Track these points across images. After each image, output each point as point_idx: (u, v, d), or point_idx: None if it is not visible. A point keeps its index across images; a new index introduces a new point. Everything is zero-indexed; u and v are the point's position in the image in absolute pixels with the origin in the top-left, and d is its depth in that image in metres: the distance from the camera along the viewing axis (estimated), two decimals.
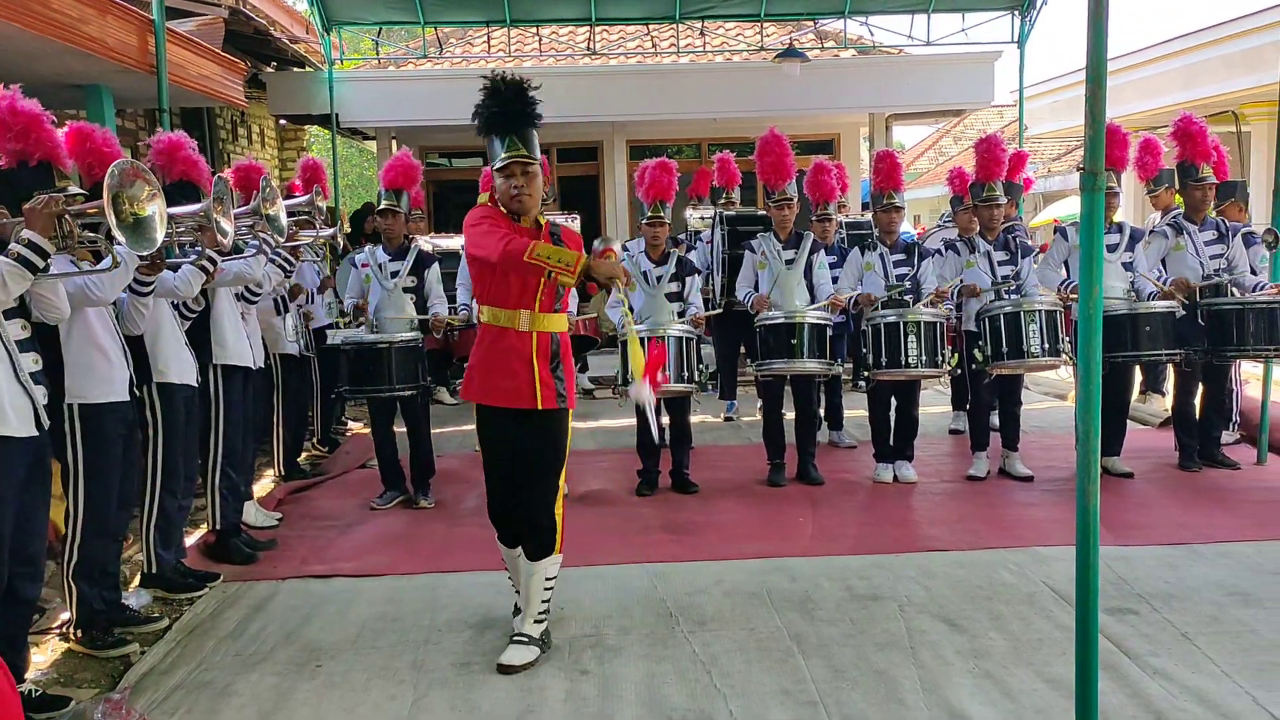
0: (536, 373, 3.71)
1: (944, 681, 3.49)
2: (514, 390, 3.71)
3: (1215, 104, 12.71)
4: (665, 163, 6.24)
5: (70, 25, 6.06)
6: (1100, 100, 2.60)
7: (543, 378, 3.72)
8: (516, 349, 3.71)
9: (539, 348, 3.73)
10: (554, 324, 3.79)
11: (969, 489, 6.03)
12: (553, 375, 3.74)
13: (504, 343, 3.73)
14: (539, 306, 3.73)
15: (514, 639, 3.78)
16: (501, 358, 3.73)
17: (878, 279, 6.20)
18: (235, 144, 12.43)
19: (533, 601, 3.80)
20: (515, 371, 3.71)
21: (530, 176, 3.72)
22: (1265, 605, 4.07)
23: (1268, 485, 5.92)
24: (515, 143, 3.71)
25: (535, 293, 3.71)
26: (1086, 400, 2.78)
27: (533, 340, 3.72)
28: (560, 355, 3.79)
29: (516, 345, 3.71)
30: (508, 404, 3.73)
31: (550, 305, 3.76)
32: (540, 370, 3.72)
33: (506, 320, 3.73)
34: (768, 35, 12.95)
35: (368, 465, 6.98)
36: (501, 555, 3.97)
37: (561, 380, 3.77)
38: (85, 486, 3.89)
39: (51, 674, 3.77)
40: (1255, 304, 5.95)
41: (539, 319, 3.73)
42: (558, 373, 3.76)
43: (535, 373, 3.71)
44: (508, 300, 3.72)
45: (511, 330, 3.72)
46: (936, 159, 27.33)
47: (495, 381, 3.74)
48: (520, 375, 3.71)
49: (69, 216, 3.35)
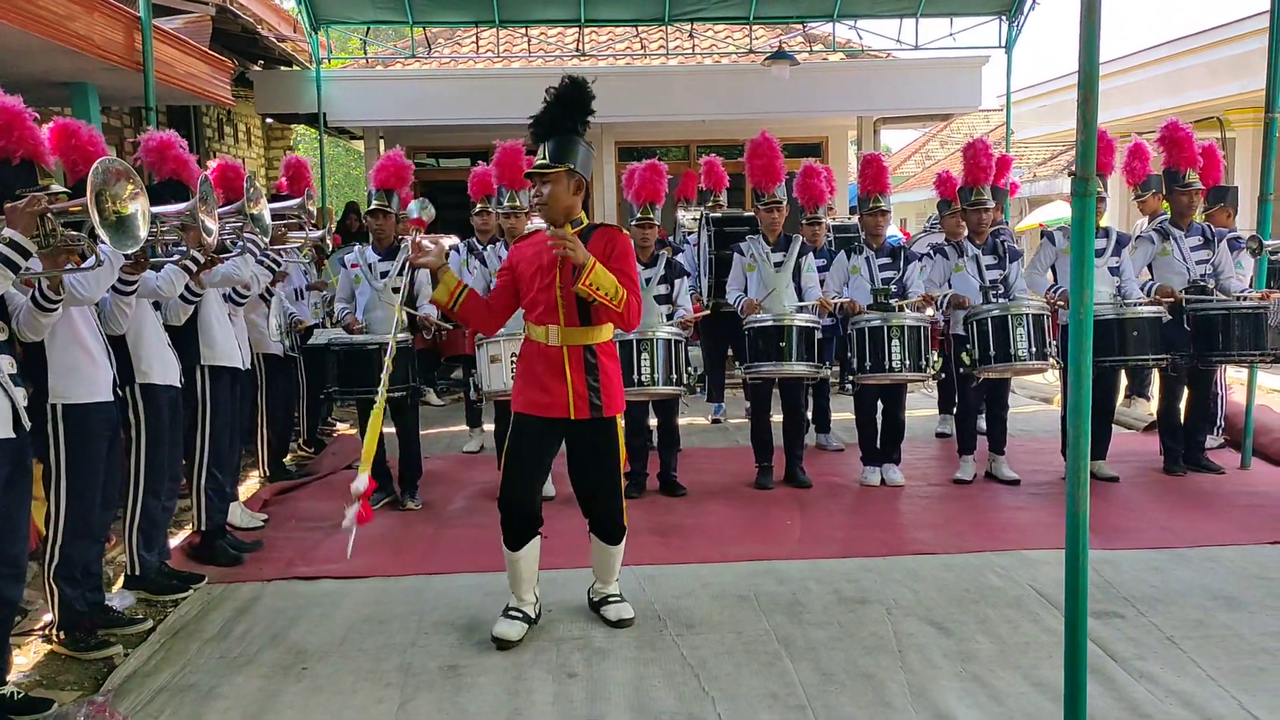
0: (570, 385, 3.85)
1: (932, 685, 3.50)
2: (548, 402, 3.87)
3: (1201, 110, 12.81)
4: (655, 165, 6.24)
5: (57, 22, 6.01)
6: (1092, 107, 2.61)
7: (576, 389, 3.85)
8: (550, 362, 3.87)
9: (571, 360, 3.86)
10: (589, 336, 3.89)
11: (956, 492, 6.05)
12: (588, 387, 3.86)
13: (537, 356, 3.90)
14: (564, 320, 3.84)
15: (610, 599, 4.12)
16: (535, 371, 3.90)
17: (864, 282, 6.22)
18: (221, 143, 12.36)
19: (615, 568, 4.17)
20: (548, 385, 3.86)
21: (551, 182, 3.81)
22: (1250, 609, 4.09)
23: (1252, 489, 5.95)
24: (542, 152, 3.83)
25: (556, 309, 3.84)
26: (1077, 405, 2.78)
27: (564, 354, 3.85)
28: (599, 366, 3.89)
29: (550, 358, 3.87)
30: (543, 414, 3.88)
31: (576, 319, 3.85)
32: (574, 382, 3.85)
33: (538, 336, 3.90)
34: (756, 38, 12.98)
35: (354, 466, 6.95)
36: (505, 559, 3.99)
37: (597, 390, 3.88)
38: (67, 487, 3.85)
39: (34, 676, 3.74)
40: (1240, 309, 5.99)
41: (568, 333, 3.86)
42: (593, 383, 3.87)
43: (569, 385, 3.85)
44: (533, 316, 3.92)
45: (543, 344, 3.88)
46: (923, 162, 27.44)
47: (530, 394, 3.92)
48: (553, 388, 3.86)
49: (51, 215, 3.31)
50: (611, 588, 4.18)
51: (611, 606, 4.11)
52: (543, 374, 3.88)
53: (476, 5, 11.31)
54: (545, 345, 3.88)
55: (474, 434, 7.51)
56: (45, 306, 3.51)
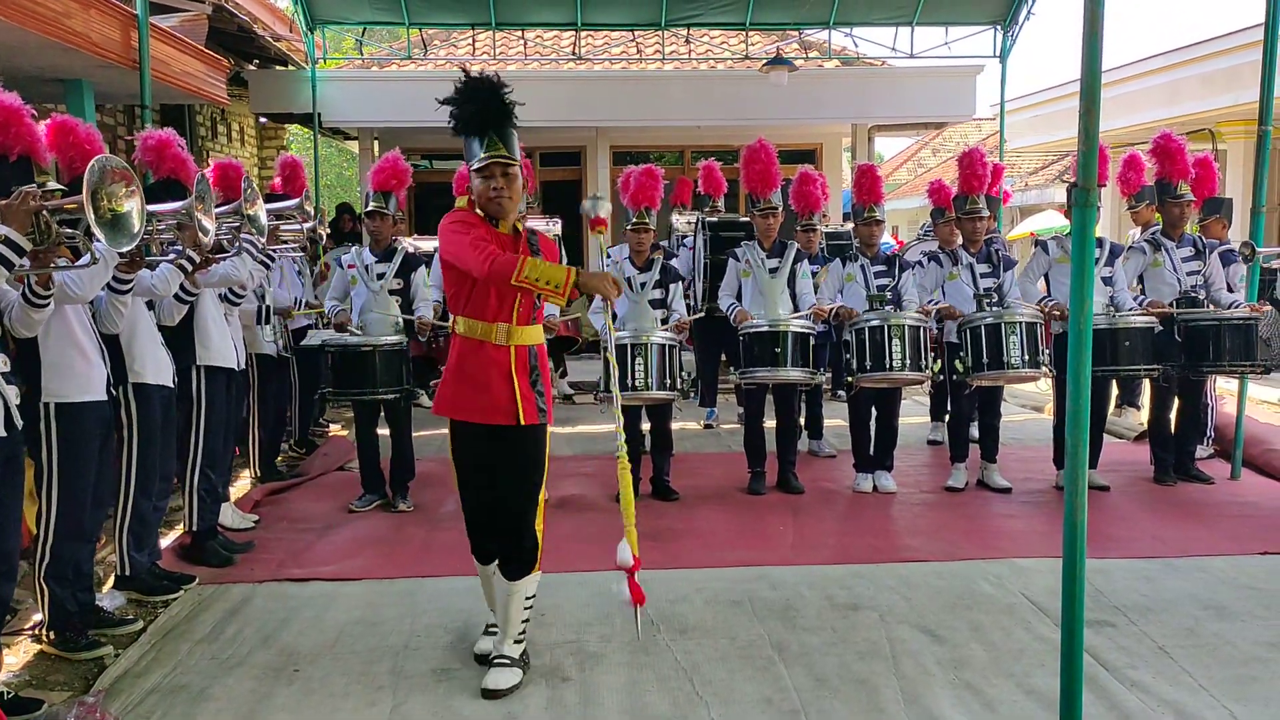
0: (517, 387, 3.57)
1: (925, 692, 3.50)
2: (492, 406, 3.57)
3: (1194, 121, 12.87)
4: (651, 169, 6.24)
5: (53, 19, 6.00)
6: (1094, 118, 2.62)
7: (523, 392, 3.58)
8: (495, 363, 3.57)
9: (518, 361, 3.59)
10: (532, 336, 3.66)
11: (948, 500, 6.06)
12: (532, 389, 3.61)
13: (481, 356, 3.58)
14: (517, 319, 3.59)
15: (495, 661, 3.62)
16: (479, 372, 3.58)
17: (859, 290, 6.23)
18: (215, 142, 12.33)
19: (512, 622, 3.64)
20: (493, 386, 3.56)
21: (510, 178, 3.56)
22: (1240, 619, 4.11)
23: (1242, 500, 5.98)
24: (495, 142, 3.54)
25: (513, 306, 3.58)
26: (1075, 414, 2.79)
27: (511, 354, 3.58)
28: (539, 367, 3.67)
29: (495, 359, 3.57)
30: (485, 420, 3.58)
31: (528, 317, 3.63)
32: (520, 384, 3.58)
33: (483, 333, 3.58)
34: (752, 44, 13.01)
35: (346, 468, 6.94)
36: (479, 573, 3.85)
37: (541, 394, 3.64)
38: (59, 487, 3.82)
39: (24, 676, 3.71)
40: (1231, 320, 6.03)
41: (517, 332, 3.60)
42: (537, 386, 3.63)
43: (515, 387, 3.57)
44: (485, 313, 3.58)
45: (489, 344, 3.58)
46: (915, 170, 27.51)
47: (471, 397, 3.59)
48: (499, 390, 3.56)
49: (46, 212, 3.30)
50: (506, 646, 3.64)
51: (492, 670, 3.58)
52: (486, 376, 3.56)
53: (473, 7, 11.31)
54: (489, 344, 3.57)
55: None
56: (36, 303, 3.48)
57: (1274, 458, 6.57)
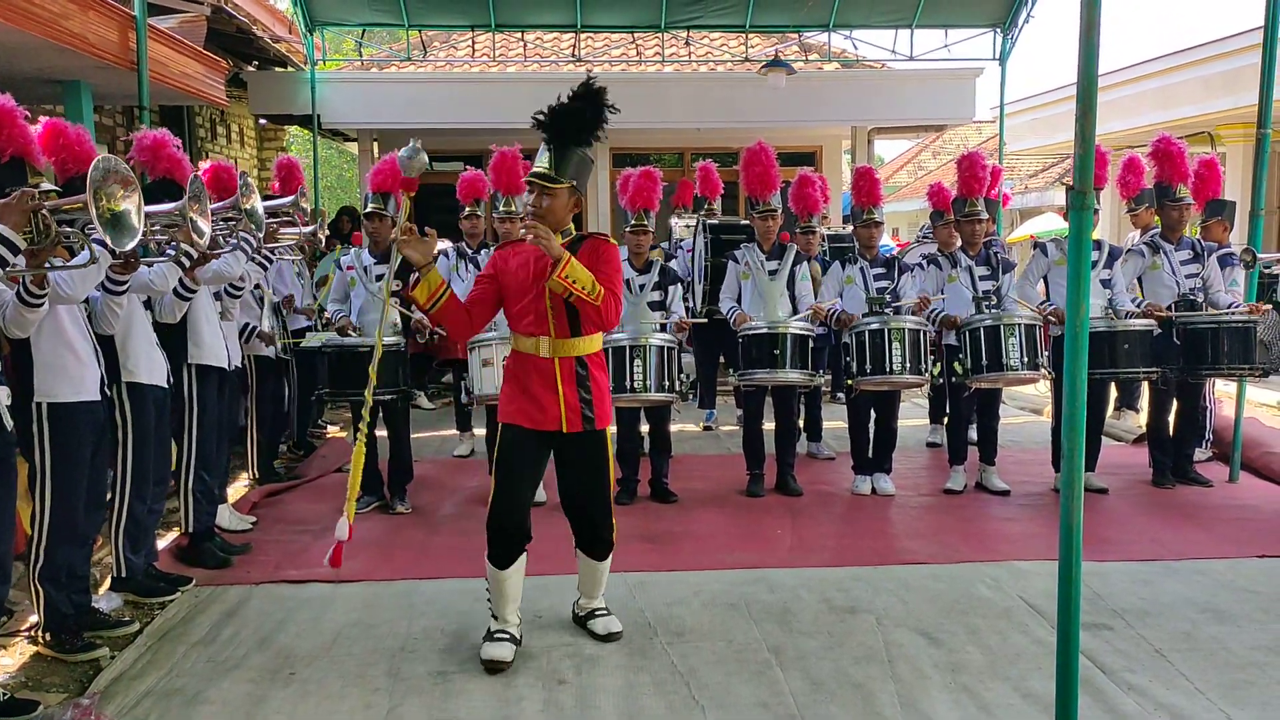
0: (562, 397, 3.77)
1: (922, 695, 3.50)
2: (539, 415, 3.78)
3: (1193, 125, 12.86)
4: (650, 171, 6.24)
5: (51, 20, 5.99)
6: (1090, 121, 2.62)
7: (569, 401, 3.77)
8: (541, 374, 3.78)
9: (563, 374, 3.77)
10: (579, 348, 3.81)
11: (946, 502, 6.06)
12: (579, 399, 3.78)
13: (528, 367, 3.80)
14: (554, 331, 3.76)
15: (598, 612, 4.05)
16: (526, 382, 3.80)
17: (859, 292, 6.23)
18: (214, 143, 12.33)
19: (602, 583, 4.09)
20: (539, 396, 3.77)
21: (551, 196, 3.71)
22: (1238, 622, 4.11)
23: (1240, 503, 5.98)
24: (546, 158, 3.72)
25: (546, 320, 3.75)
26: (1071, 417, 2.79)
27: (555, 365, 3.77)
28: (590, 378, 3.82)
29: (541, 370, 3.78)
30: (533, 426, 3.78)
31: (567, 330, 3.76)
32: (566, 394, 3.77)
33: (527, 347, 3.80)
34: (752, 47, 13.02)
35: (344, 469, 6.93)
36: (486, 573, 3.85)
37: (589, 403, 3.80)
38: (52, 488, 3.81)
39: (19, 677, 3.71)
40: (1230, 323, 6.02)
41: (559, 344, 3.77)
42: (585, 395, 3.79)
43: (561, 397, 3.77)
44: (520, 326, 3.81)
45: (534, 356, 3.79)
46: (915, 173, 27.52)
47: (520, 405, 3.81)
48: (545, 400, 3.77)
49: (46, 212, 3.30)
50: (598, 602, 4.11)
51: (599, 620, 4.05)
52: (534, 386, 3.78)
53: (472, 9, 11.31)
54: (536, 357, 3.78)
55: (464, 438, 7.49)
56: (30, 302, 3.46)
57: (1272, 461, 6.56)
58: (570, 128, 3.71)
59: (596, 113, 3.73)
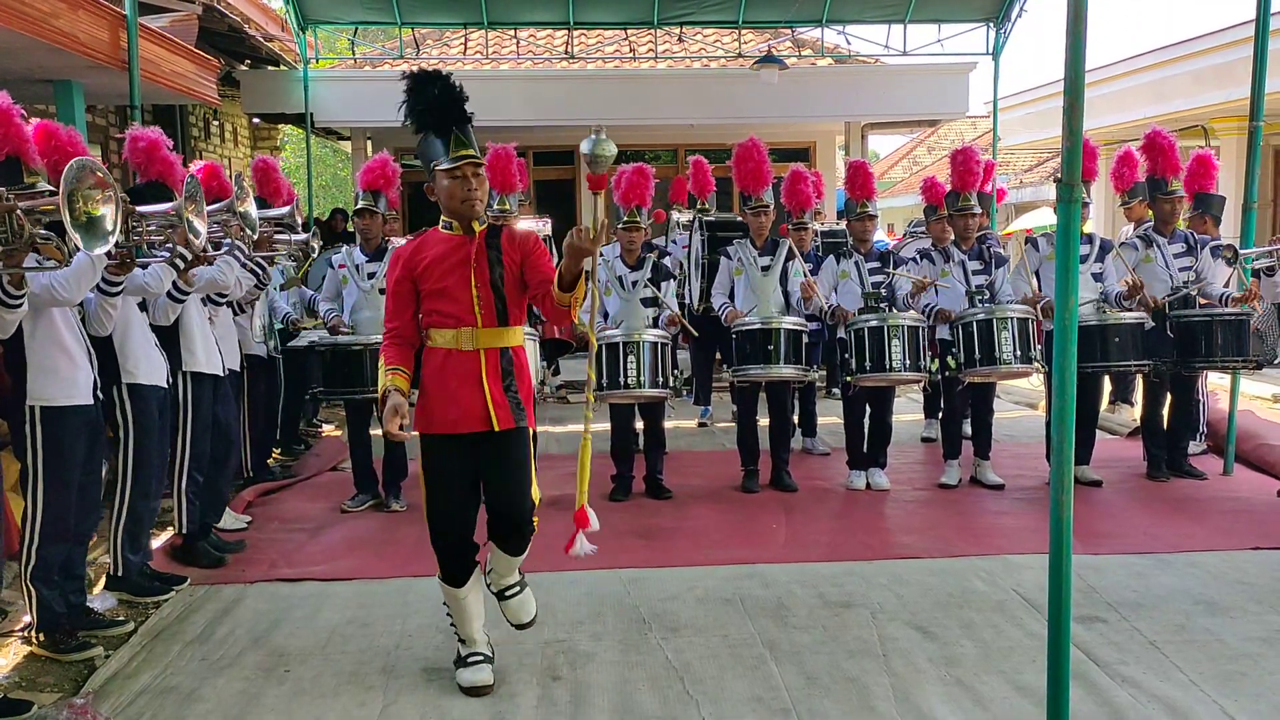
0: (488, 393, 3.42)
1: (916, 689, 3.50)
2: (464, 416, 3.43)
3: (1185, 118, 12.89)
4: (642, 168, 6.24)
5: (41, 20, 5.98)
6: (1078, 114, 2.62)
7: (495, 398, 3.42)
8: (464, 371, 3.43)
9: (488, 366, 3.44)
10: (504, 338, 3.48)
11: (941, 496, 6.06)
12: (505, 394, 3.45)
13: (449, 366, 3.44)
14: (481, 322, 3.43)
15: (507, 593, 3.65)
16: (448, 383, 3.43)
17: (854, 286, 6.24)
18: (207, 142, 12.32)
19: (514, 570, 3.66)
20: (463, 396, 3.42)
21: (481, 179, 3.45)
22: (1232, 615, 4.12)
23: (1234, 495, 5.99)
24: (461, 141, 3.38)
25: (473, 310, 3.42)
26: (1061, 410, 2.79)
27: (480, 358, 3.44)
28: (515, 371, 3.49)
29: (464, 366, 3.43)
30: (458, 430, 3.43)
31: (494, 319, 3.44)
32: (492, 390, 3.42)
33: (449, 341, 3.44)
34: (745, 42, 13.02)
35: (339, 468, 6.93)
36: (447, 598, 3.63)
37: (517, 398, 3.48)
38: (44, 489, 3.80)
39: (13, 677, 3.70)
40: (1223, 316, 6.03)
41: (485, 335, 3.44)
42: (511, 390, 3.47)
43: (487, 393, 3.42)
44: (445, 319, 3.44)
45: (456, 351, 3.44)
46: (910, 168, 27.53)
47: (443, 410, 3.44)
48: (470, 399, 3.42)
49: (20, 213, 3.27)
50: (513, 576, 3.68)
51: (512, 600, 3.67)
52: (455, 384, 3.42)
53: (465, 7, 11.30)
54: (457, 351, 3.42)
55: None
56: (8, 303, 3.42)
57: (1266, 453, 6.58)
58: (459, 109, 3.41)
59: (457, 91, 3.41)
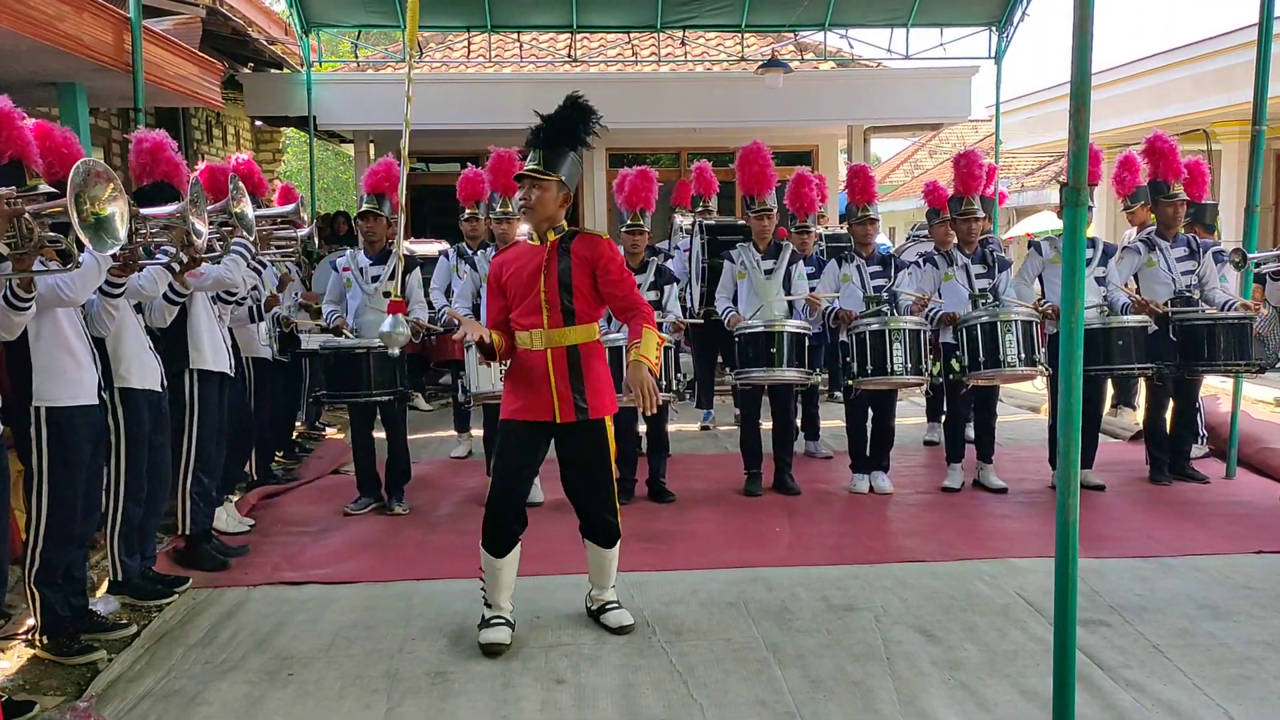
0: (554, 388, 3.86)
1: (920, 693, 3.50)
2: (531, 406, 3.90)
3: (1187, 122, 12.89)
4: (646, 172, 6.25)
5: (46, 22, 5.98)
6: (1084, 118, 2.62)
7: (560, 393, 3.86)
8: (534, 366, 3.89)
9: (555, 364, 3.87)
10: (571, 337, 3.89)
11: (944, 500, 6.06)
12: (571, 389, 3.86)
13: (523, 363, 3.93)
14: (548, 323, 3.86)
15: (609, 606, 4.11)
16: (520, 378, 3.94)
17: (856, 290, 6.24)
18: (210, 145, 12.33)
19: (611, 573, 4.14)
20: (532, 388, 3.89)
21: (540, 188, 3.85)
22: (1235, 618, 4.11)
23: (1236, 499, 5.98)
24: (536, 156, 3.88)
25: (540, 311, 3.86)
26: (1067, 414, 2.79)
27: (548, 357, 3.87)
28: (584, 367, 3.90)
29: (534, 363, 3.89)
30: (528, 417, 3.91)
31: (560, 319, 3.86)
32: (558, 385, 3.86)
33: (523, 342, 3.92)
34: (748, 46, 13.03)
35: (342, 470, 6.93)
36: (481, 563, 3.98)
37: (581, 392, 3.88)
38: (49, 492, 3.80)
39: (17, 680, 3.70)
40: (1225, 320, 6.03)
41: (551, 335, 3.87)
42: (578, 386, 3.87)
43: (553, 388, 3.86)
44: (520, 322, 3.92)
45: (529, 350, 3.90)
46: (912, 171, 27.52)
47: (517, 400, 3.94)
48: (537, 392, 3.88)
49: (28, 216, 3.27)
50: (609, 594, 4.17)
51: (611, 613, 4.11)
52: (527, 378, 3.90)
53: (468, 10, 11.31)
54: (530, 350, 3.90)
55: (462, 439, 7.49)
56: (17, 305, 3.43)
57: (1269, 456, 6.57)
58: (561, 132, 3.90)
59: (585, 119, 3.93)
